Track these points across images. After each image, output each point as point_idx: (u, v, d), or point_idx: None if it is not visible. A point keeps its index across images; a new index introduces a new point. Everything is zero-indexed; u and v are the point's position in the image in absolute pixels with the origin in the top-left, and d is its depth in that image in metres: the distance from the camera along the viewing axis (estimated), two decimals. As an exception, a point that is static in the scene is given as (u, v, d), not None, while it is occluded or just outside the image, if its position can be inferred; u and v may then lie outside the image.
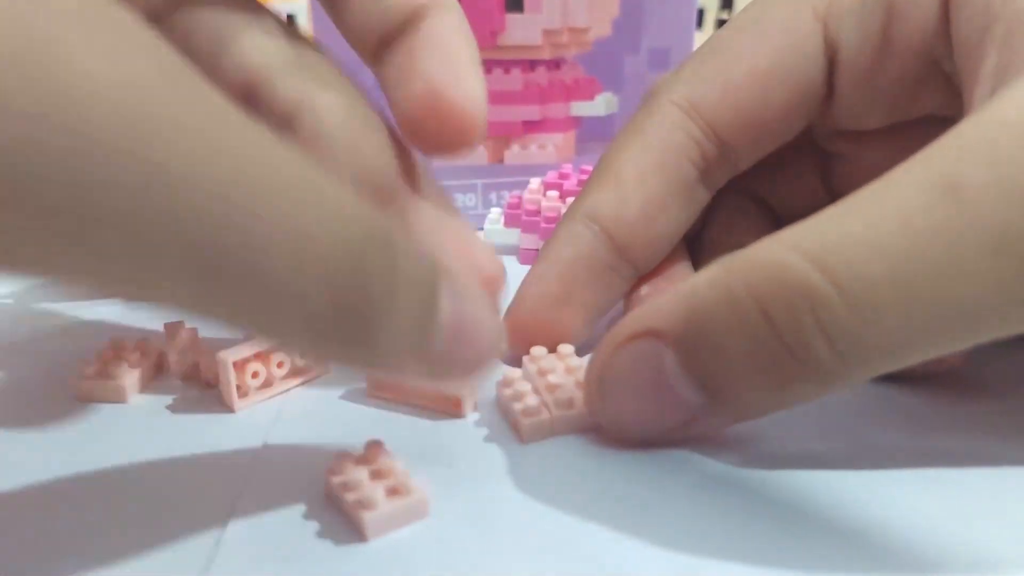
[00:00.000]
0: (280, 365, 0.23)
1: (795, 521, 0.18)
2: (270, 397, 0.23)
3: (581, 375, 0.22)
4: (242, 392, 0.23)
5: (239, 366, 0.23)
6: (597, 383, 0.20)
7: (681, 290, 0.18)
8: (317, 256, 0.13)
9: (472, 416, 0.22)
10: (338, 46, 0.38)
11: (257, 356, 0.23)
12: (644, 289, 0.25)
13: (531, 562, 0.17)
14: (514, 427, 0.21)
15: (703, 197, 0.25)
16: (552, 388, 0.21)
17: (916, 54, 0.22)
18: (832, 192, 0.27)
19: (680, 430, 0.19)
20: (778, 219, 0.27)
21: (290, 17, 0.80)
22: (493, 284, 0.22)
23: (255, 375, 0.23)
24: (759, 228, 0.27)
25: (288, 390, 0.24)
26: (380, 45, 0.21)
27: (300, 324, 0.14)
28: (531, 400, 0.21)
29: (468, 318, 0.16)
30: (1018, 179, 0.15)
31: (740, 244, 0.18)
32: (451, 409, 0.22)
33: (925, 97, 0.23)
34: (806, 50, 0.23)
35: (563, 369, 0.22)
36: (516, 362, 0.24)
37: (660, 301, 0.19)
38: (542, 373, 0.22)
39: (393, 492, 0.18)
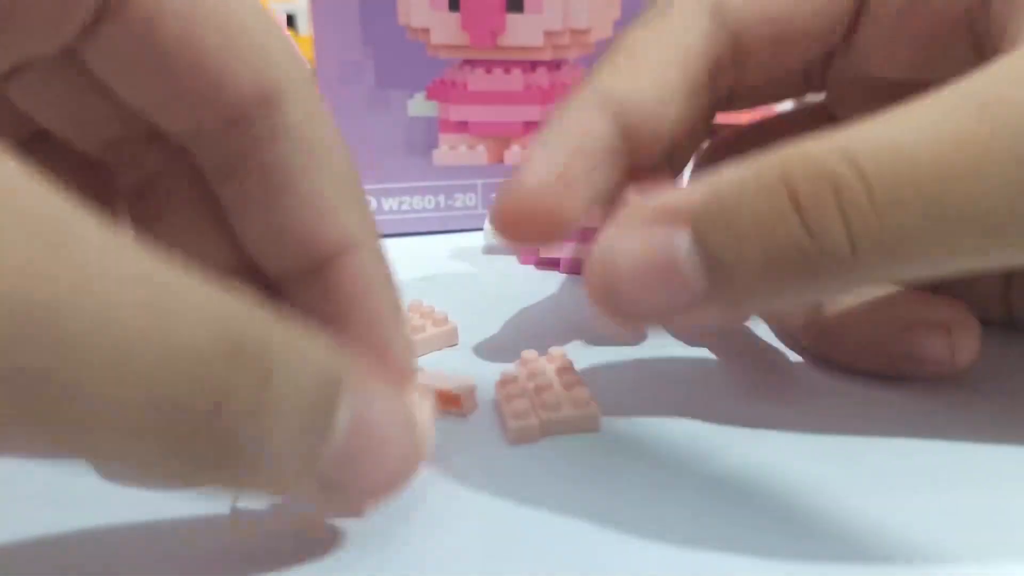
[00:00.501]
0: None
1: (794, 521, 0.18)
2: None
3: (569, 377, 0.22)
4: None
5: None
6: (599, 254, 0.19)
7: (704, 180, 0.18)
8: (136, 373, 0.12)
9: (473, 415, 0.22)
10: (339, 47, 0.38)
11: None
12: (631, 194, 0.23)
13: (531, 562, 0.17)
14: (504, 429, 0.21)
15: (704, 103, 0.24)
16: (541, 390, 0.21)
17: (952, 3, 0.22)
18: None
19: (676, 316, 0.19)
20: None
21: (290, 17, 0.80)
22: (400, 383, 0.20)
23: None
24: None
25: None
26: (285, 277, 0.19)
27: (135, 456, 0.12)
28: (520, 403, 0.21)
29: (374, 434, 0.15)
30: None
31: None
32: (452, 408, 0.22)
33: (951, 56, 0.23)
34: None
35: (553, 371, 0.23)
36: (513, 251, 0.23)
37: (679, 190, 0.18)
38: (532, 375, 0.22)
39: None
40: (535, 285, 0.32)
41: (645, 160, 0.23)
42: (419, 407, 0.18)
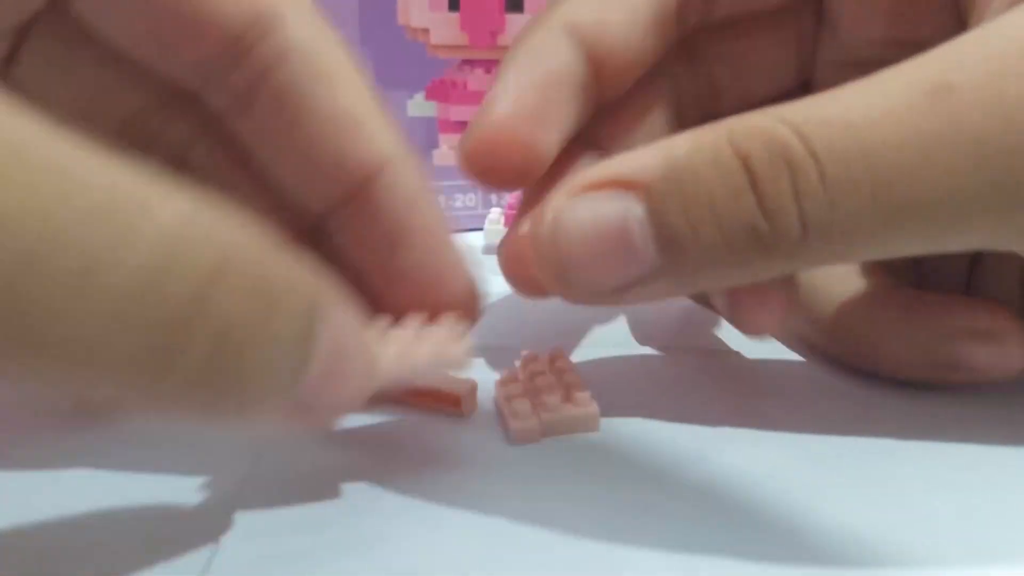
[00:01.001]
0: None
1: (795, 522, 0.18)
2: None
3: (569, 378, 0.22)
4: None
5: None
6: (549, 227, 0.18)
7: (659, 146, 0.18)
8: (111, 296, 0.11)
9: (473, 415, 0.22)
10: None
11: None
12: (584, 161, 0.23)
13: (531, 562, 0.17)
14: (504, 429, 0.21)
15: (672, 38, 0.23)
16: (541, 390, 0.21)
17: None
18: None
19: (625, 293, 0.18)
20: None
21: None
22: (466, 316, 0.20)
23: None
24: None
25: None
26: (327, 211, 0.19)
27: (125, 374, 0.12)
28: (520, 403, 0.21)
29: (343, 355, 0.15)
30: (1008, 91, 0.16)
31: None
32: (452, 408, 0.22)
33: (930, 17, 0.22)
34: None
35: (553, 372, 0.23)
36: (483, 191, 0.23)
37: (632, 155, 0.18)
38: (532, 375, 0.22)
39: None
40: (535, 285, 0.32)
41: (612, 93, 0.22)
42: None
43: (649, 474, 0.19)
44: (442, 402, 0.22)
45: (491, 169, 0.20)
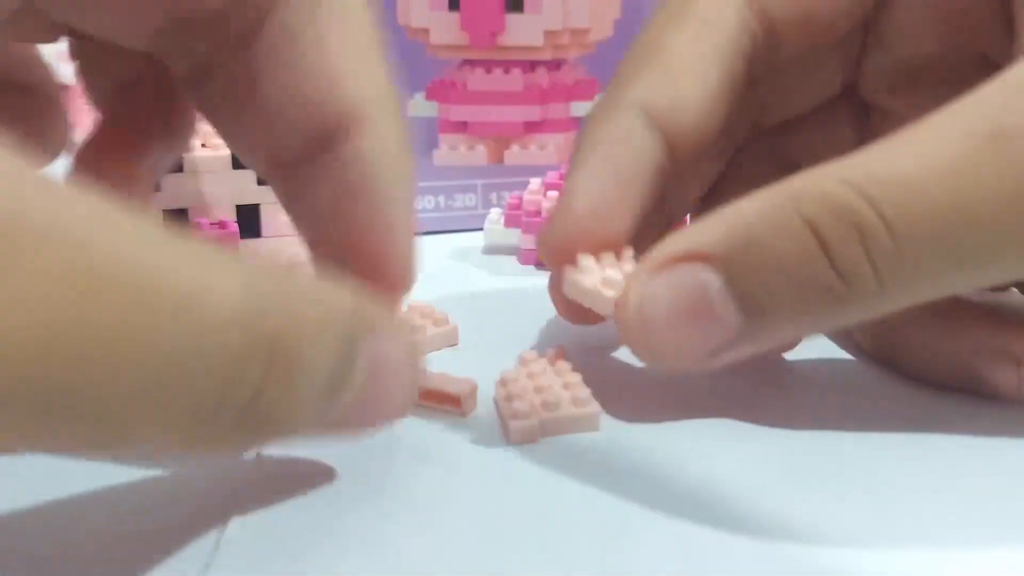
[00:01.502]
0: None
1: (795, 521, 0.18)
2: None
3: (569, 377, 0.22)
4: None
5: None
6: (635, 309, 0.19)
7: (727, 215, 0.18)
8: (166, 383, 0.12)
9: (473, 415, 0.22)
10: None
11: None
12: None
13: (531, 562, 0.17)
14: (504, 429, 0.21)
15: (742, 99, 0.23)
16: (541, 390, 0.21)
17: None
18: None
19: (718, 357, 0.19)
20: None
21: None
22: (394, 288, 0.19)
23: None
24: None
25: None
26: (290, 162, 0.18)
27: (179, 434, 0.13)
28: (520, 403, 0.21)
29: (386, 374, 0.16)
30: None
31: None
32: (452, 408, 0.22)
33: (984, 32, 0.22)
34: None
35: (553, 372, 0.22)
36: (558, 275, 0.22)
37: (702, 226, 0.18)
38: (532, 375, 0.22)
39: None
40: (535, 285, 0.32)
41: (687, 164, 0.22)
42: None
43: (649, 474, 0.19)
44: (442, 402, 0.22)
45: (568, 260, 0.21)
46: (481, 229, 0.37)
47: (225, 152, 0.31)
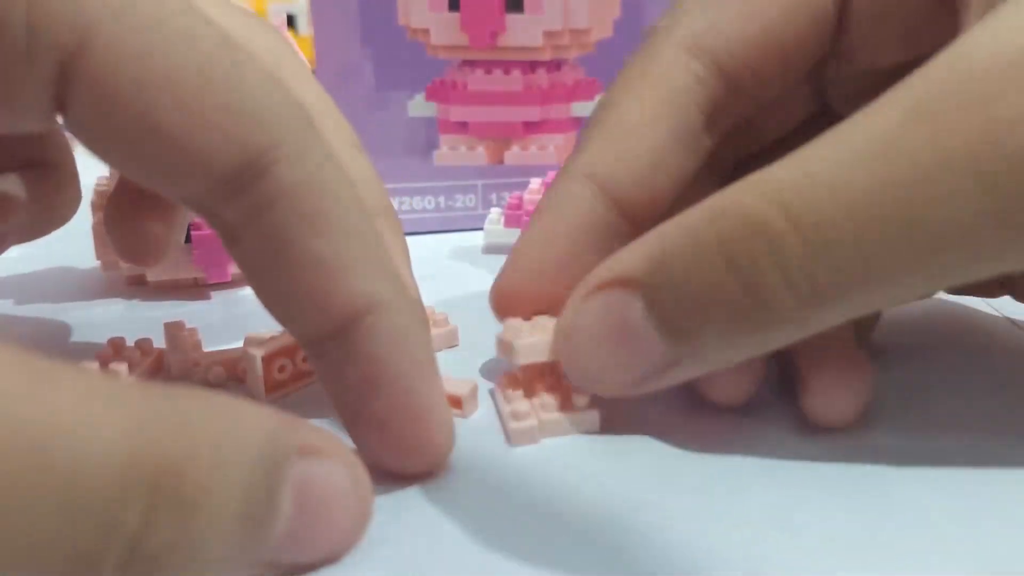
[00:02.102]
0: (306, 360, 0.24)
1: (794, 524, 0.18)
2: (295, 391, 0.24)
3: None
4: (269, 386, 0.23)
5: (267, 360, 0.23)
6: (564, 336, 0.19)
7: (651, 237, 0.18)
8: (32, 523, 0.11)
9: (473, 416, 0.22)
10: (339, 47, 0.38)
11: (284, 350, 0.23)
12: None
13: (530, 563, 0.17)
14: (504, 430, 0.21)
15: (706, 146, 0.23)
16: (541, 390, 0.21)
17: None
18: None
19: (648, 382, 0.19)
20: None
21: (290, 18, 0.80)
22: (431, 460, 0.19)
23: (282, 369, 0.23)
24: None
25: (312, 383, 0.24)
26: (315, 339, 0.18)
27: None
28: (520, 404, 0.21)
29: (320, 504, 0.15)
30: (994, 112, 0.15)
31: None
32: (452, 409, 0.22)
33: (938, 27, 0.22)
34: None
35: (553, 373, 0.22)
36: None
37: (630, 249, 0.18)
38: (532, 377, 0.22)
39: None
40: (535, 285, 0.32)
41: (652, 219, 0.22)
42: None
43: (649, 475, 0.19)
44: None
45: (514, 313, 0.22)
46: (481, 229, 0.37)
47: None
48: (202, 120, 0.17)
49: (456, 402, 0.22)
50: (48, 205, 0.26)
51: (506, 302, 0.22)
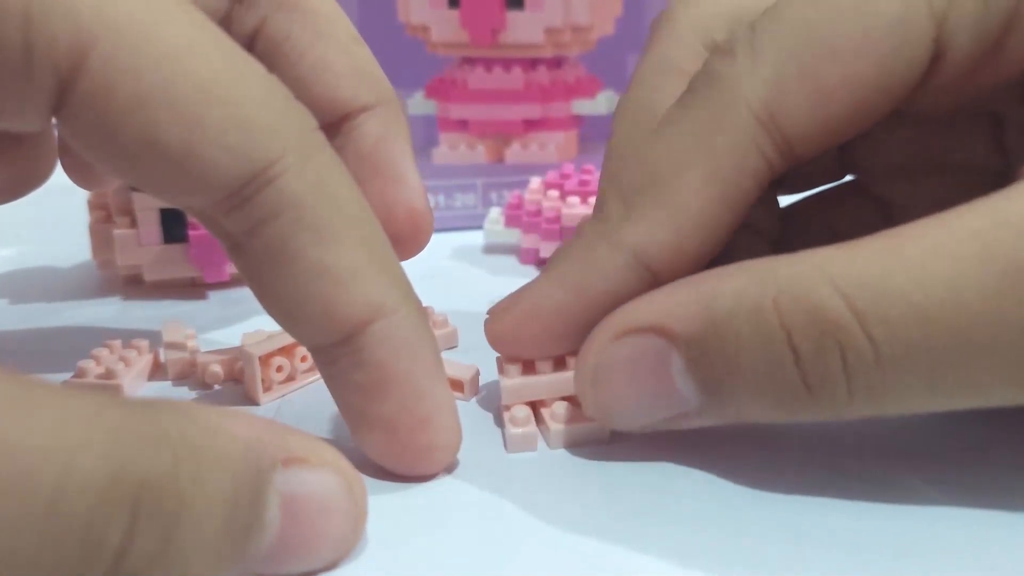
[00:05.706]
0: (304, 359, 0.24)
1: (801, 532, 0.17)
2: (293, 391, 0.24)
3: (570, 383, 0.22)
4: (266, 386, 0.23)
5: (264, 360, 0.23)
6: (591, 371, 0.19)
7: (700, 292, 0.18)
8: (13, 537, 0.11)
9: (473, 422, 0.22)
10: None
11: (281, 350, 0.23)
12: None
13: (530, 570, 0.16)
14: (503, 436, 0.21)
15: (745, 210, 0.20)
16: (543, 401, 0.21)
17: None
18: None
19: (669, 424, 0.19)
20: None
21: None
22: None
23: (279, 369, 0.23)
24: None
25: (310, 383, 0.24)
26: (319, 347, 0.19)
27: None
28: (520, 410, 0.21)
29: (309, 513, 0.15)
30: None
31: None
32: (455, 393, 0.22)
33: (977, 144, 0.22)
34: (913, 54, 0.18)
35: (553, 374, 0.22)
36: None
37: (671, 298, 0.18)
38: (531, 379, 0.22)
39: None
40: (536, 285, 0.32)
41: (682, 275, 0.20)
42: None
43: (651, 482, 0.19)
44: None
45: (520, 353, 0.21)
46: (481, 228, 0.37)
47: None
48: (202, 136, 0.16)
49: (458, 386, 0.22)
50: (22, 166, 0.24)
51: (518, 342, 0.21)
